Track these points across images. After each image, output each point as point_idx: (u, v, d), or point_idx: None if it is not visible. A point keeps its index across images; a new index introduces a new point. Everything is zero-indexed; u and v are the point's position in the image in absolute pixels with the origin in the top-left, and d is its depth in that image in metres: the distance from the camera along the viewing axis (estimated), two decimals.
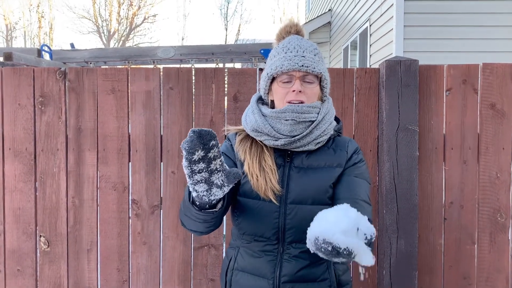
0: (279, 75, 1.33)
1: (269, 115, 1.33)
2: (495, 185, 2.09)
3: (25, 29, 24.57)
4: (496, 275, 2.09)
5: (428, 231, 2.10)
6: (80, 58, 6.17)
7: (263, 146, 1.35)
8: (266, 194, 1.28)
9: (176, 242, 2.16)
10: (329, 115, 1.37)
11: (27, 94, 2.17)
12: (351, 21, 7.84)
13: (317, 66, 1.32)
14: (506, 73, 2.09)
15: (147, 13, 25.09)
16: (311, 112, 1.31)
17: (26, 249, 2.19)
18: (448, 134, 2.10)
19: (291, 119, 1.29)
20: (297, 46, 1.34)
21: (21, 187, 2.18)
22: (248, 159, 1.33)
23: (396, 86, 2.03)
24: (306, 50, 1.33)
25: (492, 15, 5.22)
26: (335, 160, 1.34)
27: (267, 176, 1.29)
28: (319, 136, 1.32)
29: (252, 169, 1.31)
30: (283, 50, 1.35)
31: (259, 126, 1.33)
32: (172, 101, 2.16)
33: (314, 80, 1.33)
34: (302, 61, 1.30)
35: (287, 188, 1.31)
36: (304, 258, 1.30)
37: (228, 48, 6.34)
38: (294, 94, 1.31)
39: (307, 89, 1.32)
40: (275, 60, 1.35)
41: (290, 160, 1.34)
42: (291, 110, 1.29)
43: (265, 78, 1.38)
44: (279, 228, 1.30)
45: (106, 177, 2.16)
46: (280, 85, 1.34)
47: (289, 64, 1.30)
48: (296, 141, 1.30)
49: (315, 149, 1.34)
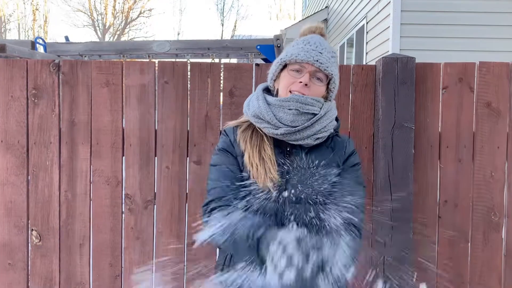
0: (292, 63, 1.34)
1: (273, 103, 1.33)
2: (489, 184, 2.09)
3: (19, 22, 24.37)
4: (489, 273, 2.10)
5: (422, 229, 2.10)
6: (74, 51, 6.10)
7: (263, 136, 1.35)
8: (265, 184, 1.28)
9: (169, 237, 2.14)
10: (331, 113, 1.38)
11: (20, 86, 2.14)
12: (348, 18, 7.83)
13: (330, 67, 1.34)
14: (502, 72, 2.09)
15: (143, 7, 24.98)
16: (314, 105, 1.32)
17: (18, 242, 2.17)
18: (444, 132, 2.10)
19: (295, 108, 1.29)
20: (317, 43, 1.36)
21: (13, 180, 2.15)
22: (249, 148, 1.33)
23: (393, 84, 2.03)
24: (325, 49, 1.35)
25: (489, 14, 5.22)
26: (333, 159, 1.35)
27: (266, 166, 1.30)
28: (319, 132, 1.33)
29: (252, 159, 1.31)
30: (303, 42, 1.37)
31: (262, 112, 1.33)
32: (167, 95, 2.14)
33: (323, 79, 1.35)
34: (318, 57, 1.32)
35: (286, 186, 1.31)
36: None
37: (224, 43, 6.31)
38: (300, 86, 1.32)
39: (314, 85, 1.33)
40: (293, 49, 1.36)
41: (289, 156, 1.35)
42: (296, 99, 1.30)
43: (276, 63, 1.39)
44: (277, 224, 1.30)
45: (99, 171, 2.14)
46: (290, 73, 1.35)
47: (304, 55, 1.31)
48: (296, 132, 1.30)
49: (314, 146, 1.34)
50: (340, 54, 8.56)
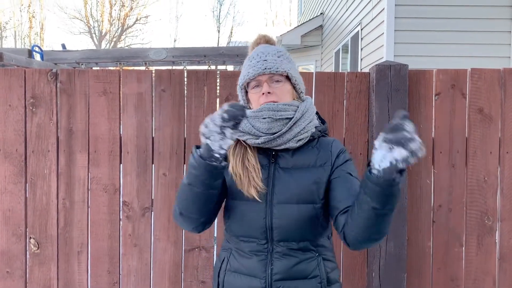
0: (249, 83, 1.40)
1: (249, 115, 1.37)
2: (482, 188, 2.12)
3: (15, 29, 24.35)
4: (483, 277, 2.12)
5: (417, 233, 2.12)
6: (71, 59, 6.12)
7: (247, 147, 1.39)
8: (249, 192, 1.32)
9: (167, 244, 2.16)
10: (309, 113, 1.39)
11: (18, 95, 2.16)
12: (343, 25, 7.89)
13: (281, 66, 1.37)
14: (493, 78, 2.12)
15: (139, 14, 25.01)
16: (287, 110, 1.35)
17: (16, 251, 2.18)
18: (437, 138, 2.13)
19: (268, 117, 1.33)
20: (260, 53, 1.40)
21: (11, 188, 2.17)
22: (231, 159, 1.38)
23: (386, 90, 2.06)
24: (268, 54, 1.39)
25: (482, 20, 5.28)
26: (319, 159, 1.38)
27: (250, 175, 1.33)
28: (299, 134, 1.36)
29: (236, 169, 1.35)
30: (248, 59, 1.43)
31: (241, 125, 1.35)
32: (164, 103, 2.16)
33: (281, 79, 1.38)
34: (264, 65, 1.36)
35: (273, 188, 1.35)
36: (294, 255, 1.33)
37: (220, 50, 6.34)
38: (265, 97, 1.36)
39: (276, 88, 1.37)
40: (244, 71, 1.42)
41: (274, 161, 1.38)
42: (267, 108, 1.34)
43: (239, 90, 1.46)
44: (266, 228, 1.33)
45: (97, 178, 2.16)
46: (252, 92, 1.40)
47: (253, 71, 1.36)
48: (276, 138, 1.34)
49: (298, 147, 1.37)
50: (336, 60, 8.62)
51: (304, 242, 1.34)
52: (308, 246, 1.35)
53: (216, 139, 1.19)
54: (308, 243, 1.35)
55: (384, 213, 1.16)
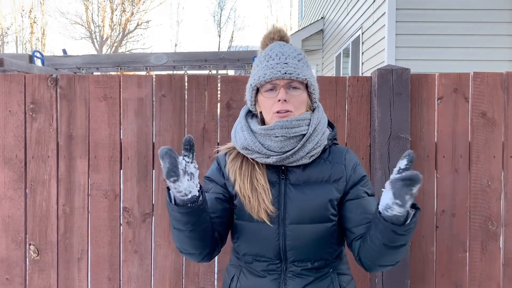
0: (263, 85, 1.27)
1: (258, 132, 1.27)
2: (486, 193, 2.10)
3: (17, 35, 24.43)
4: (487, 282, 2.10)
5: (420, 239, 2.10)
6: (72, 64, 6.13)
7: (255, 163, 1.29)
8: (259, 216, 1.23)
9: (167, 250, 2.14)
10: (321, 125, 1.31)
11: (18, 101, 2.15)
12: (344, 29, 7.89)
13: (302, 72, 1.25)
14: (496, 82, 2.11)
15: (140, 19, 25.09)
16: (301, 126, 1.25)
17: (15, 257, 2.16)
18: (440, 142, 2.11)
19: (281, 135, 1.23)
20: (279, 53, 1.27)
21: (11, 194, 2.15)
22: (239, 180, 1.27)
23: (388, 95, 2.05)
24: (289, 56, 1.26)
25: (483, 24, 5.28)
26: (333, 174, 1.29)
27: (259, 197, 1.24)
28: (313, 149, 1.27)
29: (244, 191, 1.26)
30: (265, 58, 1.29)
31: (249, 144, 1.27)
32: (164, 108, 2.15)
33: (300, 87, 1.27)
34: (284, 68, 1.24)
35: (285, 207, 1.26)
36: (308, 274, 1.27)
37: (221, 55, 6.34)
38: (280, 104, 1.24)
39: (293, 97, 1.26)
40: (258, 70, 1.29)
41: (285, 177, 1.29)
42: (280, 126, 1.23)
43: (249, 90, 1.32)
44: (280, 249, 1.27)
45: (97, 184, 2.14)
46: (265, 96, 1.28)
47: (271, 73, 1.24)
48: (288, 157, 1.25)
49: (310, 162, 1.29)
50: (337, 64, 8.62)
51: (319, 261, 1.28)
52: (323, 264, 1.29)
53: (174, 186, 1.06)
54: (322, 261, 1.29)
55: (396, 247, 1.12)
